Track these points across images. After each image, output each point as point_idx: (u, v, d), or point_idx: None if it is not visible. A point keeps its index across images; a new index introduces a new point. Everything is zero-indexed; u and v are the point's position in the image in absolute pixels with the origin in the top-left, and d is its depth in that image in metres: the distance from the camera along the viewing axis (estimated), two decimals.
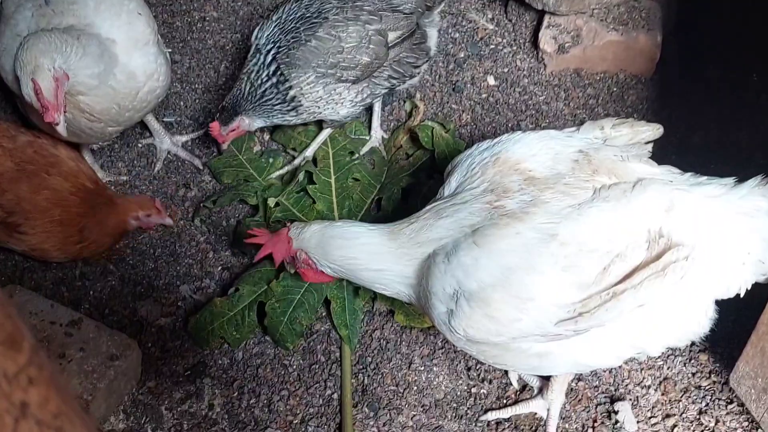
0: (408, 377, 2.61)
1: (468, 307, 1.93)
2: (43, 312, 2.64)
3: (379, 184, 2.95)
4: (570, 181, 1.99)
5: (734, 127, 3.12)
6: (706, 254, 1.96)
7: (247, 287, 2.65)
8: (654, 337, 2.04)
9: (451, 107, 3.29)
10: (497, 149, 2.13)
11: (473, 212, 2.00)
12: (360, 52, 2.71)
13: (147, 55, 2.64)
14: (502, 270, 1.91)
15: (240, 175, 2.98)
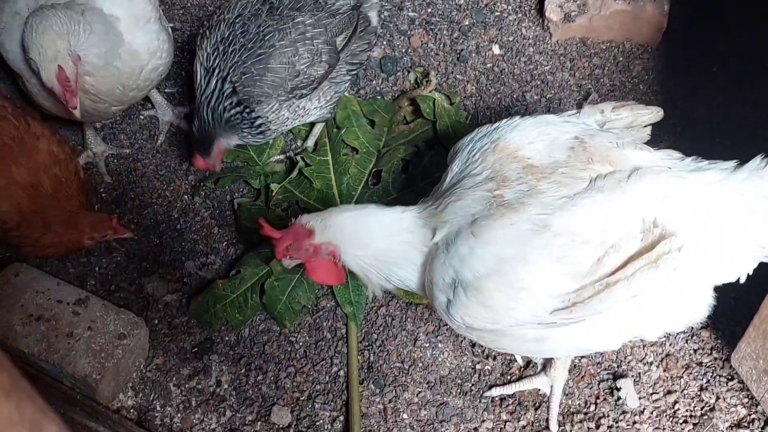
0: (413, 354, 2.64)
1: (465, 297, 1.95)
2: (50, 290, 2.66)
3: (377, 151, 2.94)
4: (566, 170, 1.99)
5: (740, 99, 3.09)
6: (704, 242, 1.95)
7: (249, 269, 2.66)
8: (650, 323, 2.06)
9: (455, 78, 3.25)
10: (496, 135, 2.12)
11: (475, 200, 2.01)
12: (314, 69, 2.64)
13: (149, 33, 2.61)
14: (496, 260, 1.92)
15: (241, 156, 2.96)
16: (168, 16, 3.39)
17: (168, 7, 3.45)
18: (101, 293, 2.81)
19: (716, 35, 3.22)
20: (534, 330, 2.01)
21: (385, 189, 2.85)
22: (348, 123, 2.94)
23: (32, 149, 2.58)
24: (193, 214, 2.98)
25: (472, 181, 2.04)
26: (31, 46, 2.31)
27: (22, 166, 2.53)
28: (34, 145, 2.58)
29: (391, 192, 2.84)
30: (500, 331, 2.03)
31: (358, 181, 2.88)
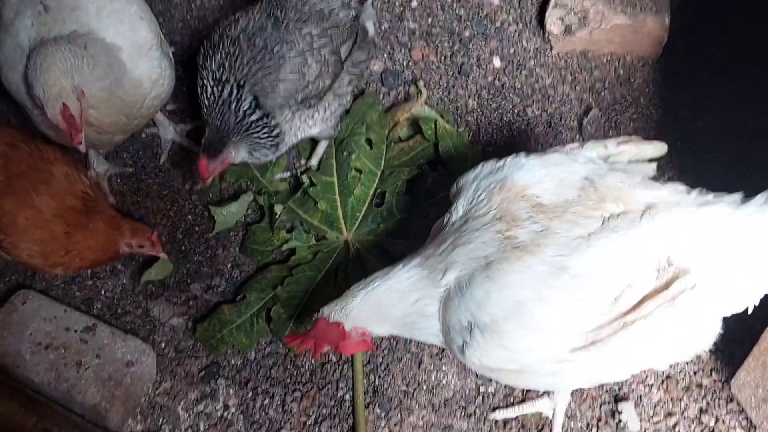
0: (418, 377, 2.67)
1: (482, 338, 1.98)
2: (57, 318, 2.69)
3: (380, 171, 2.95)
4: (578, 209, 2.01)
5: (740, 110, 3.10)
6: (714, 276, 1.99)
7: (255, 294, 2.69)
8: (661, 354, 2.09)
9: (457, 92, 3.26)
10: (501, 175, 2.13)
11: (486, 242, 2.02)
12: (322, 78, 2.66)
13: (151, 61, 2.61)
14: (514, 303, 1.95)
15: (243, 175, 2.97)
16: (167, 30, 3.39)
17: (167, 20, 3.45)
18: (108, 317, 2.84)
19: (716, 46, 3.22)
20: (550, 365, 2.04)
21: (389, 210, 2.87)
22: (350, 146, 2.94)
23: (48, 175, 2.61)
24: (197, 236, 3.00)
25: (479, 223, 2.06)
26: (35, 83, 2.32)
27: (43, 194, 2.56)
28: (49, 170, 2.62)
29: (395, 213, 2.86)
30: (517, 370, 2.07)
31: (363, 203, 2.90)
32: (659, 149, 2.23)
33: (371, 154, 2.98)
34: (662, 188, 2.09)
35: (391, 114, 3.11)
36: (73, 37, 2.44)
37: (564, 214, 2.00)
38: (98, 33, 2.48)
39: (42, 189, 2.56)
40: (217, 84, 2.58)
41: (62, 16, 2.49)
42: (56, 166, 2.63)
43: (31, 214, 2.53)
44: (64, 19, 2.49)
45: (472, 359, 2.04)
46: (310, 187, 2.90)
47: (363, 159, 2.96)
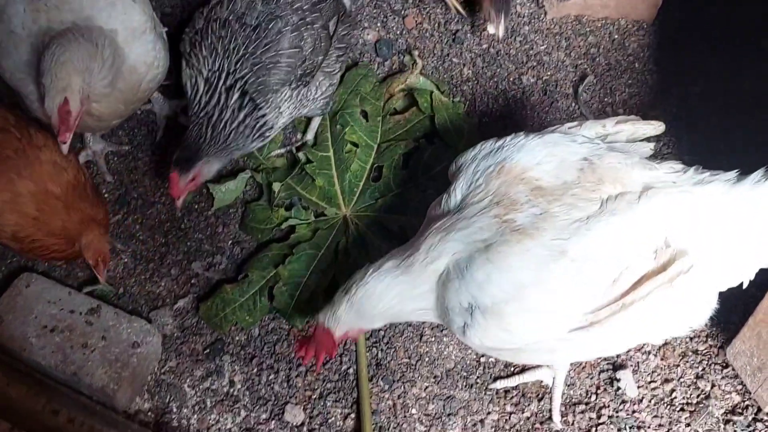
0: (420, 349, 2.72)
1: (483, 320, 2.02)
2: (61, 300, 2.71)
3: (376, 144, 2.96)
4: (577, 191, 2.02)
5: (736, 75, 3.10)
6: (711, 253, 2.02)
7: (256, 272, 2.72)
8: (657, 330, 2.14)
9: (452, 61, 3.25)
10: (501, 156, 2.14)
11: (483, 227, 2.04)
12: (316, 53, 2.66)
13: (145, 44, 2.59)
14: (515, 286, 1.98)
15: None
16: (157, 2, 3.36)
17: None
18: (110, 297, 2.87)
19: (711, 9, 3.21)
20: (550, 344, 2.09)
21: (386, 185, 2.88)
22: (344, 118, 2.94)
23: (35, 160, 2.59)
24: (197, 213, 3.01)
25: (476, 209, 2.08)
26: (47, 71, 2.30)
27: (25, 178, 2.55)
28: (37, 156, 2.60)
29: (392, 188, 2.87)
30: (517, 349, 2.11)
31: (360, 177, 2.91)
32: (657, 128, 2.25)
33: (367, 127, 2.98)
34: (659, 168, 2.11)
35: (386, 85, 3.10)
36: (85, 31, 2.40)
37: (563, 197, 2.02)
38: (96, 20, 2.45)
39: (25, 173, 2.54)
40: (207, 84, 2.55)
41: (55, 2, 2.46)
42: (44, 153, 2.60)
43: (8, 197, 2.52)
44: (57, 5, 2.47)
45: (473, 340, 2.08)
46: (306, 164, 2.90)
47: (359, 132, 2.96)
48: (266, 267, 2.74)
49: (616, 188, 2.03)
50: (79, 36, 2.36)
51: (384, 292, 2.14)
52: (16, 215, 2.56)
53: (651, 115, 3.06)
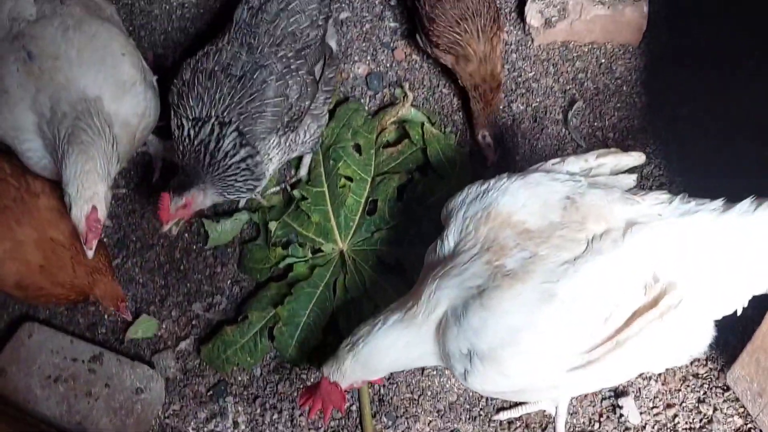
0: (422, 383, 2.73)
1: (481, 366, 2.04)
2: (64, 349, 2.73)
3: (370, 177, 2.98)
4: (563, 232, 2.05)
5: (723, 96, 3.13)
6: (703, 285, 2.04)
7: (256, 313, 2.74)
8: (657, 359, 2.15)
9: (441, 91, 3.27)
10: (487, 201, 2.17)
11: (476, 273, 2.07)
12: (302, 99, 2.68)
13: (136, 96, 2.62)
14: (509, 330, 2.00)
15: None
16: (149, 43, 3.39)
17: (148, 33, 3.44)
18: (113, 342, 2.88)
19: (698, 33, 3.24)
20: (550, 383, 2.11)
21: (382, 218, 2.90)
22: (337, 153, 2.97)
23: (33, 208, 2.61)
24: (195, 254, 3.03)
25: (468, 255, 2.11)
26: (71, 182, 2.34)
27: (25, 225, 2.57)
28: (35, 204, 2.62)
29: (388, 220, 2.89)
30: (519, 390, 2.14)
31: (355, 211, 2.93)
32: (637, 159, 2.29)
33: (360, 160, 3.01)
34: (643, 201, 2.13)
35: (378, 118, 3.13)
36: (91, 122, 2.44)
37: (550, 239, 2.05)
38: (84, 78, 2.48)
39: (24, 220, 2.56)
40: (196, 123, 2.55)
41: (47, 65, 2.49)
42: (42, 199, 2.62)
43: (9, 246, 2.53)
44: (49, 68, 2.49)
45: (474, 385, 2.10)
46: (302, 200, 2.92)
47: (352, 167, 2.98)
48: (265, 307, 2.76)
49: (601, 226, 2.06)
50: (93, 134, 2.41)
51: (390, 347, 2.17)
52: (18, 263, 2.57)
53: (640, 138, 3.09)
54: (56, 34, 2.52)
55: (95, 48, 2.54)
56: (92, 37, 2.56)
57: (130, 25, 3.41)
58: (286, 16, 2.68)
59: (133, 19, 3.45)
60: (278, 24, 2.66)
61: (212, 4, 3.47)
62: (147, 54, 3.35)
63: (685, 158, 3.02)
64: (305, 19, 2.70)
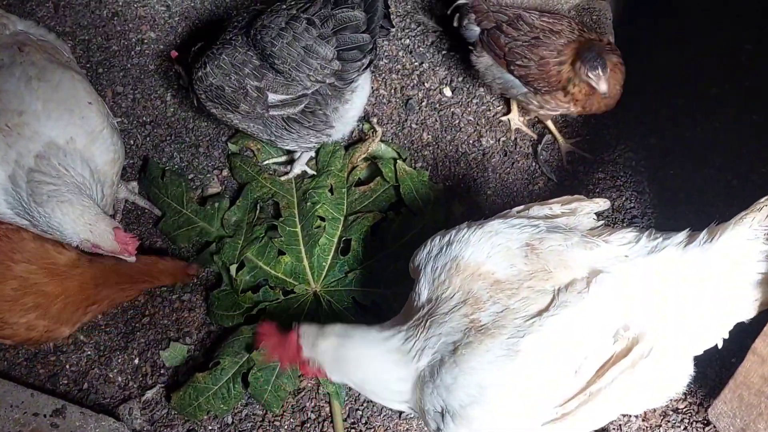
0: (399, 427, 2.66)
1: (453, 425, 1.99)
2: (24, 403, 2.61)
3: (342, 217, 2.92)
4: (531, 283, 2.01)
5: (690, 123, 3.15)
6: (678, 323, 2.01)
7: (228, 358, 2.64)
8: (635, 404, 2.12)
9: (411, 127, 3.24)
10: (452, 254, 2.12)
11: (454, 327, 2.02)
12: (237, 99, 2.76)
13: (104, 142, 2.55)
14: (478, 388, 1.96)
15: (192, 233, 2.91)
16: (108, 79, 3.31)
17: (107, 70, 3.35)
18: (75, 393, 2.76)
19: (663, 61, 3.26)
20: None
21: (355, 258, 2.84)
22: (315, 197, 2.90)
23: (19, 241, 2.54)
24: (161, 299, 2.93)
25: (447, 306, 2.06)
26: (76, 233, 2.36)
27: (20, 261, 2.50)
28: (19, 236, 2.55)
29: (362, 261, 2.83)
30: None
31: (328, 251, 2.86)
32: (602, 205, 2.28)
33: (333, 199, 2.95)
34: (607, 243, 2.09)
35: (349, 155, 3.07)
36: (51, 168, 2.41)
37: (520, 290, 2.01)
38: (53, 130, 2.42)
39: (17, 257, 2.50)
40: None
41: (14, 122, 2.42)
42: (24, 232, 2.56)
43: (16, 284, 2.49)
44: (17, 125, 2.42)
45: None
46: (276, 239, 2.85)
47: (325, 206, 2.92)
48: (238, 352, 2.67)
49: (566, 275, 2.01)
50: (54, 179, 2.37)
51: (374, 371, 2.09)
52: (34, 297, 2.52)
53: (610, 170, 3.09)
54: (19, 86, 2.44)
55: (61, 99, 2.46)
56: (56, 86, 2.49)
57: (87, 62, 3.33)
58: None
59: (90, 55, 3.37)
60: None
61: (171, 40, 3.40)
62: (106, 92, 3.27)
63: (656, 188, 3.02)
64: None
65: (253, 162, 3.07)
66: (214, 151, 3.21)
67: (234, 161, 3.07)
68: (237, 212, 2.94)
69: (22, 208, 2.42)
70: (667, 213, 2.97)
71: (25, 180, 2.37)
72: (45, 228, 2.42)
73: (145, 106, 3.30)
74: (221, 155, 3.19)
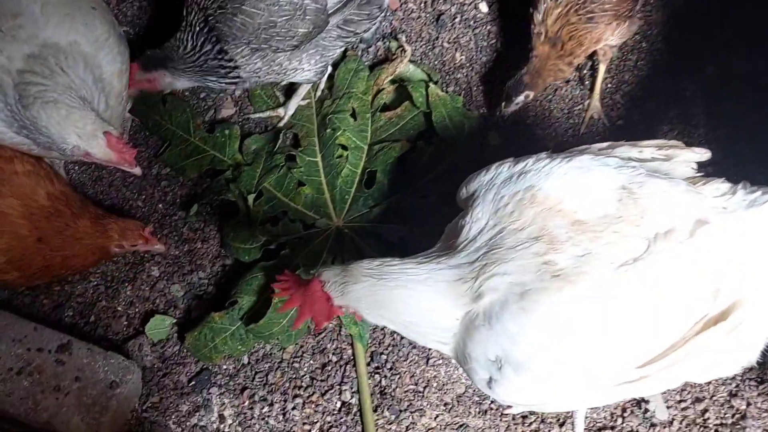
0: (426, 374, 2.49)
1: (515, 376, 1.77)
2: (27, 338, 2.43)
3: (366, 145, 2.69)
4: (619, 227, 1.76)
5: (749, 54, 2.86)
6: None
7: (246, 297, 2.45)
8: (710, 371, 1.93)
9: (442, 46, 2.96)
10: (526, 183, 1.86)
11: (524, 266, 1.76)
12: (293, 24, 2.38)
13: (111, 51, 2.32)
14: (554, 341, 1.73)
15: (203, 163, 2.68)
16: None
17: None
18: (81, 326, 2.59)
19: None
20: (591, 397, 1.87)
21: (380, 191, 2.62)
22: (335, 123, 2.66)
23: (11, 174, 2.32)
24: (171, 228, 2.73)
25: (515, 240, 1.79)
26: (63, 136, 2.11)
27: (7, 196, 2.29)
28: (12, 170, 2.33)
29: (387, 194, 2.61)
30: (552, 403, 1.89)
31: (351, 183, 2.64)
32: (703, 156, 1.98)
33: (355, 126, 2.70)
34: (705, 189, 1.85)
35: (374, 77, 2.81)
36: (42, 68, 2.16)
37: (604, 234, 1.76)
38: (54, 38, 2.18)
39: (4, 190, 2.29)
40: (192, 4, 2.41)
41: (8, 26, 2.17)
42: (17, 164, 2.34)
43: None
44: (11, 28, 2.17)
45: (501, 396, 1.84)
46: (295, 168, 2.63)
47: (347, 133, 2.68)
48: (256, 290, 2.47)
49: (663, 222, 1.77)
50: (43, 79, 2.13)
51: (417, 305, 1.82)
52: (8, 239, 2.29)
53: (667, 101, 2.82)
54: None
55: (61, 2, 2.20)
56: None
57: None
58: None
59: None
60: None
61: None
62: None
63: (712, 121, 2.75)
64: None
65: (272, 93, 2.82)
66: None
67: (254, 89, 2.81)
68: (258, 140, 2.70)
69: (17, 123, 2.19)
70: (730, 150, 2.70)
71: (12, 86, 2.13)
72: (42, 141, 2.19)
73: (153, 14, 3.02)
74: None
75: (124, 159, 2.18)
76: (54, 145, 2.19)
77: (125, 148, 2.17)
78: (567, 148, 2.69)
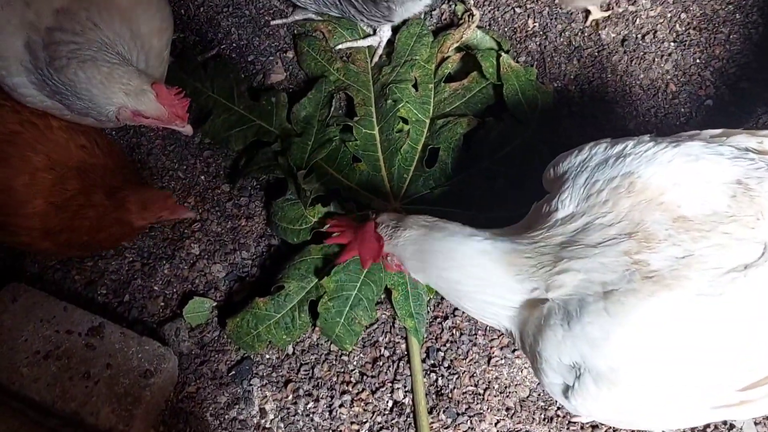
0: (488, 374, 2.27)
1: (595, 388, 1.55)
2: (56, 318, 2.25)
3: (428, 119, 2.45)
4: (730, 228, 1.52)
5: None
6: None
7: (294, 282, 2.24)
8: None
9: (513, 11, 2.70)
10: (625, 168, 1.63)
11: (607, 264, 1.54)
12: None
13: (150, 7, 2.10)
14: (644, 352, 1.50)
15: (249, 133, 2.45)
16: None
17: None
18: (115, 305, 2.41)
19: None
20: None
21: (443, 171, 2.38)
22: (396, 92, 2.42)
23: (46, 128, 2.12)
24: (213, 202, 2.52)
25: (601, 235, 1.57)
26: (108, 98, 1.92)
27: (41, 153, 2.09)
28: (47, 124, 2.13)
29: (450, 175, 2.37)
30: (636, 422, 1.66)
31: (411, 161, 2.40)
32: None
33: (417, 97, 2.46)
34: None
35: (437, 44, 2.56)
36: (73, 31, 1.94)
37: (711, 234, 1.52)
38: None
39: (40, 147, 2.09)
40: None
41: None
42: (53, 120, 2.14)
43: (29, 179, 2.07)
44: None
45: (578, 408, 1.62)
46: (350, 142, 2.40)
47: (408, 105, 2.44)
48: (305, 275, 2.26)
49: None
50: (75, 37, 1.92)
51: (469, 266, 1.66)
52: (43, 201, 2.09)
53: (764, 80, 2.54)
54: None
55: None
56: None
57: None
58: None
59: None
60: None
61: None
62: None
63: None
64: None
65: (324, 47, 2.57)
66: (279, 29, 2.71)
67: (302, 45, 2.57)
68: (308, 106, 2.46)
69: (48, 86, 1.98)
70: None
71: (41, 46, 1.91)
72: (78, 107, 1.99)
73: None
74: (287, 34, 2.70)
75: (176, 114, 1.98)
76: (95, 109, 1.98)
77: (177, 100, 1.96)
78: (648, 128, 2.46)
